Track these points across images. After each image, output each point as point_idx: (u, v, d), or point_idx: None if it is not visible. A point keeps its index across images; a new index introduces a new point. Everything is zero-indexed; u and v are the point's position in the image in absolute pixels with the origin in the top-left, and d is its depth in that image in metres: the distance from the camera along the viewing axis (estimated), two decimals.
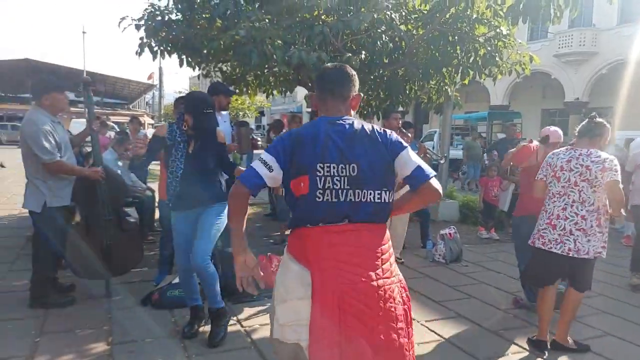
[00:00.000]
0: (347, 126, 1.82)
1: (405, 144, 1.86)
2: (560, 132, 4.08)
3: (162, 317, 3.58)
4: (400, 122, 5.35)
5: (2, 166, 14.03)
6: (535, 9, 4.70)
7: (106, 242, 3.76)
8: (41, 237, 3.65)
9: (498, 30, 5.61)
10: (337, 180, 1.75)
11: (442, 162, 7.40)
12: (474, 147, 13.38)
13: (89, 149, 5.52)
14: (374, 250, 1.77)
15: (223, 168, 3.28)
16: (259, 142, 16.54)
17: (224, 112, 4.78)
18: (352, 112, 1.94)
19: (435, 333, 3.52)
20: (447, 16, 5.51)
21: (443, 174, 8.23)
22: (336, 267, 1.71)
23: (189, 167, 3.07)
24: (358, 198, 1.76)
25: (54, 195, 3.56)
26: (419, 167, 1.81)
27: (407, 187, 1.91)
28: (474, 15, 5.54)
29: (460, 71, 5.95)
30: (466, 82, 6.19)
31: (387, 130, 1.90)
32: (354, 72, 1.94)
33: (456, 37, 5.63)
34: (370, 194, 1.77)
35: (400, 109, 6.81)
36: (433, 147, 15.35)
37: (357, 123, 1.85)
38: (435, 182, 1.82)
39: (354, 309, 1.67)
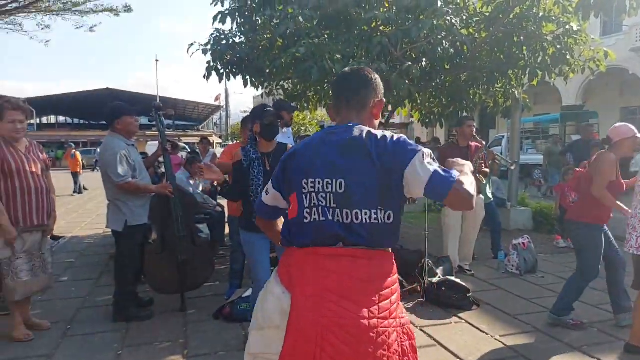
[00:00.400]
0: (342, 135, 1.57)
1: (417, 148, 1.50)
2: (626, 127, 3.56)
3: (233, 330, 3.68)
4: (473, 126, 5.18)
5: (85, 188, 15.24)
6: (609, 2, 4.41)
7: (180, 258, 3.95)
8: (123, 255, 3.88)
9: (567, 26, 5.32)
10: (322, 197, 1.52)
11: (512, 168, 7.06)
12: (555, 153, 12.57)
13: (162, 170, 5.86)
14: (371, 282, 1.47)
15: None
16: None
17: (286, 129, 4.86)
18: (375, 122, 1.70)
19: (511, 348, 3.33)
20: (511, 16, 5.31)
21: (514, 180, 7.86)
22: (320, 296, 1.43)
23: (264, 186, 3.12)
24: (348, 219, 1.49)
25: (134, 215, 3.79)
26: (434, 181, 1.45)
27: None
28: (541, 14, 5.30)
29: (527, 72, 5.69)
30: (535, 83, 5.90)
31: (394, 135, 1.56)
32: (374, 76, 1.69)
33: (522, 37, 5.40)
34: (365, 213, 1.49)
35: (465, 114, 6.61)
36: (501, 153, 14.72)
37: (357, 131, 1.56)
38: (461, 187, 1.45)
39: (334, 350, 1.38)
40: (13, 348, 3.35)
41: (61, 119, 51.97)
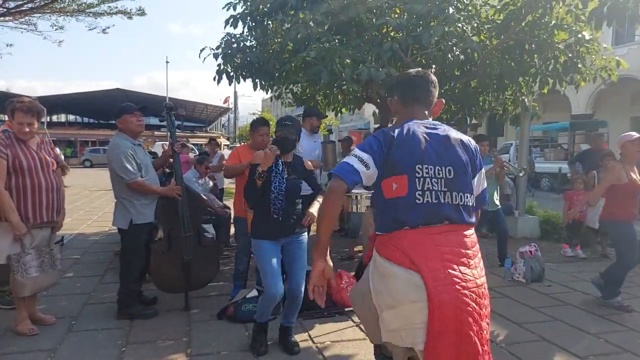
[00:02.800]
0: (439, 130, 1.86)
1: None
2: (627, 134, 4.29)
3: (236, 330, 3.68)
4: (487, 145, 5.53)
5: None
6: (622, 11, 4.38)
7: (186, 257, 3.95)
8: (128, 253, 3.90)
9: (580, 35, 5.29)
10: (434, 182, 1.76)
11: (521, 175, 7.02)
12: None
13: (169, 170, 5.89)
14: (472, 249, 1.79)
15: (315, 192, 3.37)
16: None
17: (315, 134, 5.09)
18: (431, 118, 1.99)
19: (517, 357, 3.30)
20: (523, 24, 5.29)
21: (521, 187, 7.81)
22: (445, 267, 1.69)
23: (287, 191, 3.13)
24: (455, 200, 1.79)
25: (139, 213, 3.81)
26: (485, 190, 1.98)
27: None
28: (553, 22, 5.28)
29: (538, 80, 5.66)
30: (545, 91, 5.88)
31: (475, 143, 1.97)
32: (435, 78, 1.99)
33: (533, 45, 5.38)
34: (466, 196, 1.82)
35: (474, 121, 6.60)
36: (509, 160, 14.65)
37: (447, 128, 1.90)
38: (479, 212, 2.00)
39: (469, 308, 1.68)
40: (18, 342, 3.37)
41: (71, 117, 52.43)
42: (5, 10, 13.16)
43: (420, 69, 2.05)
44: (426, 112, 1.94)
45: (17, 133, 3.34)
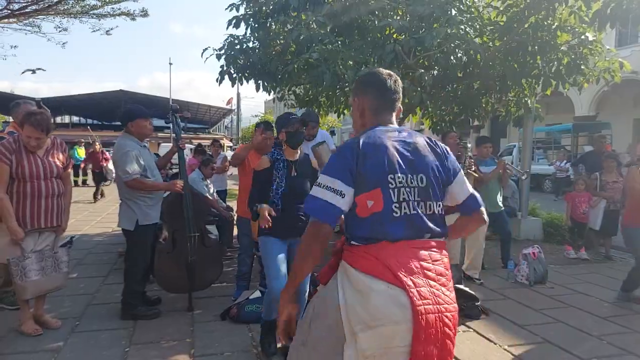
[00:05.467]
0: (406, 136, 1.74)
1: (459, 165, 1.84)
2: None
3: (240, 331, 3.69)
4: (460, 138, 5.43)
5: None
6: (625, 12, 4.38)
7: (190, 257, 3.97)
8: (134, 254, 3.92)
9: (583, 37, 5.29)
10: (408, 191, 1.63)
11: (524, 178, 7.01)
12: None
13: (173, 171, 5.92)
14: (447, 268, 1.67)
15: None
16: None
17: (310, 141, 4.78)
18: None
19: (519, 359, 3.30)
20: (526, 26, 5.29)
21: (524, 190, 7.80)
22: (429, 285, 1.56)
23: (291, 190, 3.13)
24: (430, 210, 1.67)
25: (145, 214, 3.83)
26: (473, 195, 1.81)
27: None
28: (556, 23, 5.28)
29: (541, 81, 5.66)
30: (548, 92, 5.87)
31: (443, 145, 1.84)
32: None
33: (536, 47, 5.38)
34: (438, 205, 1.70)
35: (476, 122, 6.60)
36: (512, 162, 14.62)
37: (413, 133, 1.78)
38: (484, 210, 1.84)
39: (450, 332, 1.57)
40: (22, 342, 3.40)
41: (75, 119, 52.57)
42: (9, 12, 13.23)
43: (389, 71, 1.85)
44: (393, 118, 1.80)
45: (24, 144, 3.37)
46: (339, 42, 5.19)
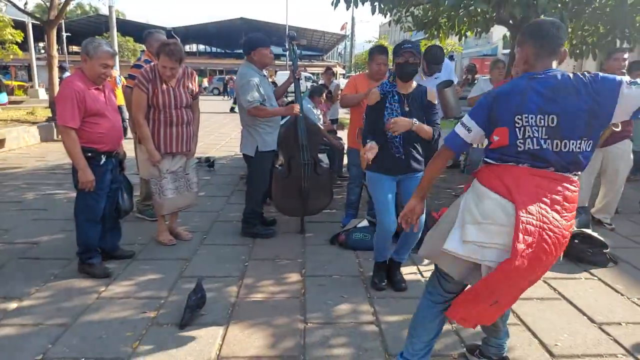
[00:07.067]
0: (550, 78, 1.83)
1: (619, 78, 1.79)
2: None
3: (347, 256, 3.82)
4: (627, 62, 4.43)
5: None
6: None
7: (304, 184, 4.13)
8: (254, 178, 4.18)
9: None
10: (535, 129, 1.81)
11: None
12: None
13: (288, 99, 6.03)
14: (570, 203, 1.84)
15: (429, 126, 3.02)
16: None
17: (431, 75, 4.38)
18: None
19: None
20: None
21: None
22: (539, 207, 1.79)
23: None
24: (558, 147, 1.81)
25: (264, 141, 4.02)
26: None
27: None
28: None
29: None
30: None
31: (597, 73, 1.83)
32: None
33: None
34: (572, 143, 1.80)
35: (626, 45, 5.64)
36: None
37: (561, 74, 1.83)
38: None
39: (546, 248, 1.78)
40: (160, 250, 3.89)
41: (201, 47, 55.81)
42: None
43: (553, 19, 1.92)
44: (553, 64, 1.89)
45: (160, 73, 3.61)
46: None
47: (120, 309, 2.89)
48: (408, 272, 3.47)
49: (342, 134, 6.47)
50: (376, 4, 5.92)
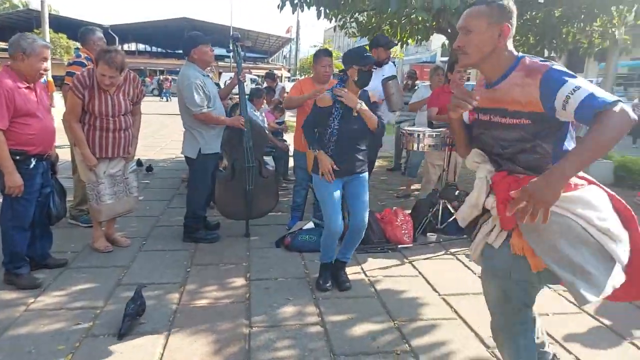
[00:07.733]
0: None
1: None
2: None
3: (293, 259, 3.81)
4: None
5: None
6: None
7: (248, 186, 4.08)
8: (196, 181, 4.07)
9: None
10: None
11: None
12: None
13: (233, 101, 5.94)
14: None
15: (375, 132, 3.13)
16: None
17: (381, 67, 4.59)
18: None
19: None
20: None
21: None
22: None
23: (350, 130, 3.03)
24: None
25: (208, 144, 3.93)
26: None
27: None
28: None
29: (635, 9, 5.02)
30: None
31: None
32: None
33: None
34: None
35: (552, 54, 6.05)
36: None
37: None
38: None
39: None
40: (95, 257, 3.70)
41: (141, 46, 53.83)
42: None
43: None
44: None
45: (97, 81, 3.42)
46: None
47: (51, 321, 2.71)
48: (352, 272, 3.51)
49: (288, 137, 6.47)
50: (322, 8, 6.00)
